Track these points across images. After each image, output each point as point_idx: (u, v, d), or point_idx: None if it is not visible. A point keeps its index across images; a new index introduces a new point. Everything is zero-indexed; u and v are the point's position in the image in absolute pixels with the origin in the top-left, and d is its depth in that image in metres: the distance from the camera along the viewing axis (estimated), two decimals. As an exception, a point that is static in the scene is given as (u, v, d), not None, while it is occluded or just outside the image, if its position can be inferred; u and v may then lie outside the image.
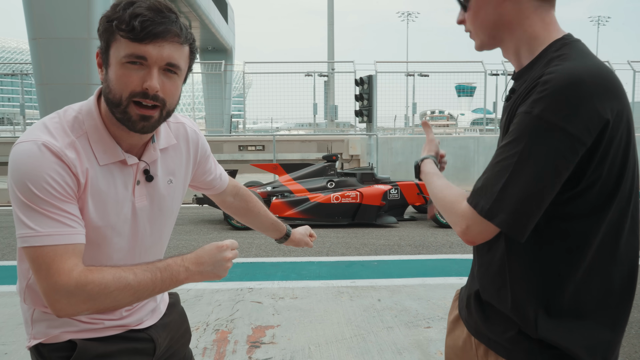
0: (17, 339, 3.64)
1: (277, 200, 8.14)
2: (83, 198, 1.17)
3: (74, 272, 1.08)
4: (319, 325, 3.86)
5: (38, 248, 1.08)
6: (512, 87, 1.20)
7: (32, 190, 1.08)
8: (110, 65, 1.15)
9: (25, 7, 12.42)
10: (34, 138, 1.13)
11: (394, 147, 13.57)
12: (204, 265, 1.20)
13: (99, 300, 1.09)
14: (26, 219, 1.08)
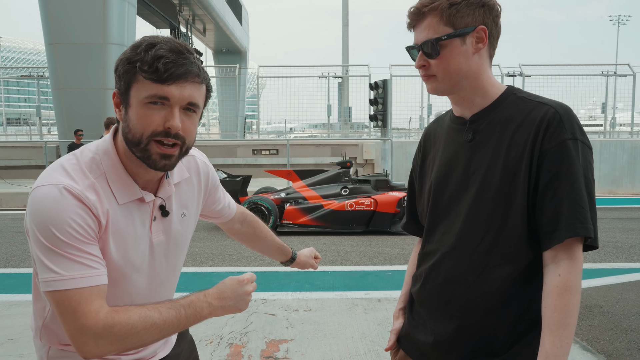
0: (33, 350, 3.66)
1: (291, 207, 8.13)
2: (104, 238, 1.17)
3: (101, 314, 1.09)
4: (333, 340, 3.83)
5: (63, 292, 1.08)
6: (474, 128, 1.31)
7: (56, 234, 1.08)
8: (130, 105, 1.16)
9: (42, 13, 12.59)
10: (54, 181, 1.12)
11: (408, 152, 13.50)
12: (226, 300, 1.23)
13: (126, 341, 1.10)
14: (50, 263, 1.09)
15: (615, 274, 5.66)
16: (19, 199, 12.11)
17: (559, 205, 1.18)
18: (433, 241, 1.39)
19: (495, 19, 1.29)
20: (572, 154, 1.18)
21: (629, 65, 17.09)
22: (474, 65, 1.28)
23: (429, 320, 1.38)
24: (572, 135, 1.19)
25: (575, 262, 1.18)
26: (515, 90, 1.32)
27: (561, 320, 1.16)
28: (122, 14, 12.84)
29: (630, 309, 4.50)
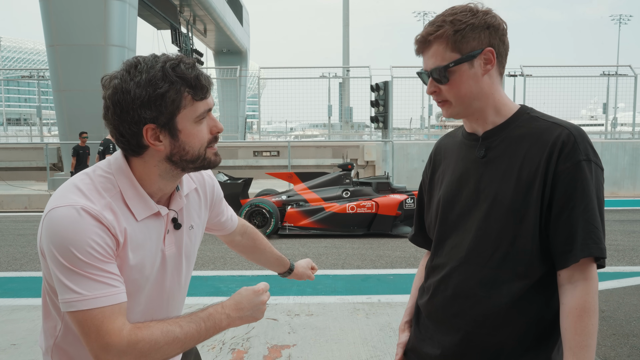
0: (36, 356, 3.67)
1: (293, 210, 8.13)
2: (122, 255, 1.18)
3: (124, 331, 1.10)
4: (335, 346, 3.84)
5: (87, 312, 1.09)
6: (487, 145, 1.32)
7: (76, 255, 1.09)
8: (180, 130, 1.18)
9: (43, 15, 12.58)
10: (71, 202, 1.13)
11: (409, 153, 13.50)
12: (243, 310, 1.26)
13: (149, 357, 1.12)
14: (71, 283, 1.09)
15: (617, 277, 5.65)
16: (19, 201, 12.12)
17: (574, 225, 1.20)
18: (442, 255, 1.40)
19: (502, 37, 1.29)
20: (587, 175, 1.20)
21: (630, 67, 17.09)
22: (485, 86, 1.30)
23: (436, 334, 1.39)
24: (586, 156, 1.21)
25: (591, 282, 1.21)
26: (529, 110, 1.34)
27: (582, 342, 1.18)
28: (123, 16, 12.83)
29: (632, 313, 4.50)
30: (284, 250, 7.09)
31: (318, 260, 6.62)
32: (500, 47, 1.29)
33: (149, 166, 1.23)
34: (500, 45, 1.29)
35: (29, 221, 10.10)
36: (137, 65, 1.16)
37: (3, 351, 3.78)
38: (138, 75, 1.14)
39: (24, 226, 9.49)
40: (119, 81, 1.15)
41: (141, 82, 1.13)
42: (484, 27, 1.26)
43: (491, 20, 1.28)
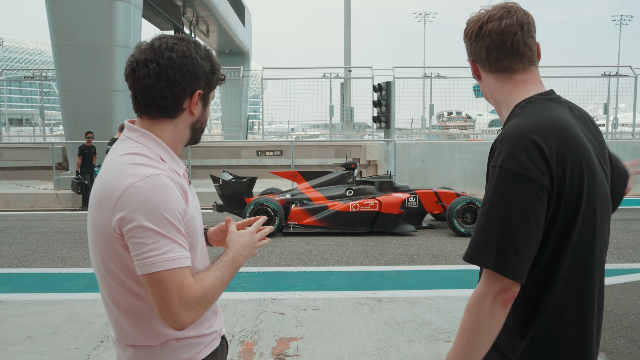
0: (52, 348, 3.79)
1: (297, 208, 8.24)
2: (189, 211, 1.33)
3: (197, 285, 1.27)
4: (341, 338, 3.95)
5: (171, 270, 1.22)
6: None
7: (168, 219, 1.23)
8: (207, 103, 1.44)
9: (49, 16, 12.70)
10: (149, 174, 1.25)
11: (411, 153, 13.61)
12: (246, 249, 1.46)
13: (212, 301, 1.31)
14: (158, 246, 1.21)
15: (617, 274, 5.76)
16: (26, 200, 12.25)
17: (476, 228, 1.27)
18: None
19: (473, 44, 1.41)
20: (491, 182, 1.25)
21: (630, 67, 17.17)
22: (484, 88, 1.46)
23: None
24: (495, 162, 1.25)
25: (486, 287, 1.24)
26: (522, 104, 1.35)
27: (458, 332, 1.31)
28: (128, 17, 12.94)
29: (631, 308, 4.61)
30: (287, 248, 7.22)
31: (322, 257, 6.74)
32: (475, 52, 1.41)
33: (178, 130, 1.40)
34: (474, 51, 1.42)
35: (36, 219, 10.22)
36: (191, 41, 1.37)
37: (19, 343, 3.90)
38: (199, 49, 1.36)
39: (31, 224, 9.60)
40: (185, 49, 1.33)
41: (203, 56, 1.37)
42: (465, 41, 1.44)
43: (465, 30, 1.42)
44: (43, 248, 7.38)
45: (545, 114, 1.30)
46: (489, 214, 1.23)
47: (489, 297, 1.23)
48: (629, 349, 3.75)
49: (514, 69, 1.38)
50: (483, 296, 1.24)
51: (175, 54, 1.31)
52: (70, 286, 5.44)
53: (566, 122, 1.29)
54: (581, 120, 1.37)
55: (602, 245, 1.33)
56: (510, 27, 1.34)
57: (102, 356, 3.65)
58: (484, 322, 1.25)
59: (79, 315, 4.46)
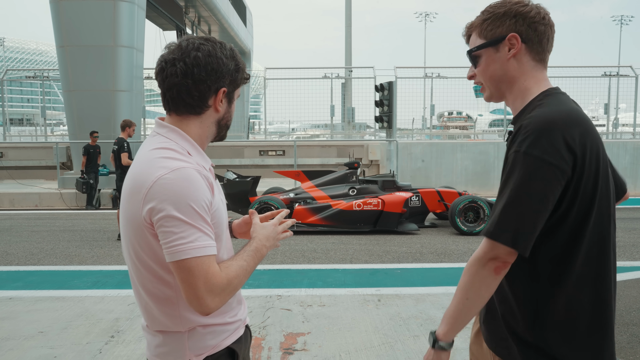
0: (64, 342, 3.86)
1: (300, 207, 8.32)
2: (215, 204, 1.41)
3: (223, 272, 1.34)
4: (348, 333, 4.02)
5: (198, 258, 1.29)
6: (510, 130, 1.45)
7: (195, 209, 1.30)
8: (232, 101, 1.51)
9: (54, 16, 12.78)
10: (177, 167, 1.32)
11: (413, 153, 13.68)
12: (269, 240, 1.53)
13: (236, 289, 1.38)
14: (186, 234, 1.28)
15: (618, 271, 5.81)
16: (30, 199, 12.33)
17: (495, 207, 1.34)
18: None
19: (531, 24, 1.41)
20: (516, 164, 1.30)
21: (631, 67, 17.23)
22: (511, 69, 1.43)
23: None
24: (519, 147, 1.30)
25: (483, 254, 1.33)
26: (541, 96, 1.41)
27: (456, 290, 1.40)
28: (132, 17, 13.03)
29: (632, 304, 4.69)
30: (292, 246, 7.29)
31: (327, 255, 6.81)
32: (529, 32, 1.41)
33: (204, 126, 1.47)
34: (530, 31, 1.41)
35: (41, 218, 10.30)
36: (216, 41, 1.44)
37: (31, 338, 3.97)
38: (224, 49, 1.44)
39: (37, 223, 9.68)
40: (211, 49, 1.41)
41: (227, 55, 1.44)
42: (510, 16, 1.41)
43: (520, 9, 1.41)
44: (50, 246, 7.46)
45: (565, 105, 1.37)
46: (512, 195, 1.29)
47: (482, 262, 1.33)
48: (631, 344, 3.83)
49: (546, 66, 1.47)
50: (478, 261, 1.34)
51: (201, 53, 1.39)
52: (79, 283, 5.52)
53: (583, 114, 1.37)
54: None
55: (614, 227, 1.42)
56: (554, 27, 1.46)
57: (114, 350, 3.73)
58: (475, 284, 1.35)
59: (89, 312, 4.53)
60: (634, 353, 3.67)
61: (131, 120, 8.01)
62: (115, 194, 11.96)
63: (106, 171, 12.44)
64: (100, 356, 3.63)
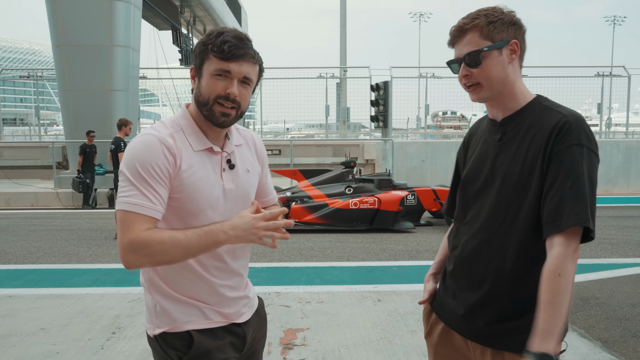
0: (65, 339, 3.90)
1: (297, 206, 8.37)
2: (180, 175, 1.48)
3: (143, 232, 1.40)
4: (347, 329, 4.08)
5: (126, 212, 1.42)
6: (503, 130, 1.54)
7: (138, 170, 1.43)
8: (202, 76, 1.53)
9: (50, 16, 12.77)
10: (144, 132, 1.51)
11: (408, 152, 13.76)
12: (237, 230, 1.49)
13: (158, 256, 1.42)
14: (126, 190, 1.43)
15: (611, 268, 5.92)
16: (26, 199, 12.32)
17: (562, 200, 1.37)
18: (464, 224, 1.64)
19: (523, 35, 1.53)
20: (577, 157, 1.38)
21: (624, 67, 17.39)
22: (510, 73, 1.52)
23: (456, 290, 1.63)
24: (578, 141, 1.40)
25: (567, 249, 1.36)
26: (542, 100, 1.54)
27: (551, 299, 1.35)
28: (128, 17, 13.03)
29: (625, 300, 4.77)
30: (289, 244, 7.34)
31: (324, 253, 6.87)
32: (522, 42, 1.53)
33: (192, 106, 1.59)
34: (522, 41, 1.53)
35: (37, 218, 10.30)
36: (213, 30, 1.56)
37: (33, 335, 4.01)
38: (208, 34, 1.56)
39: (33, 222, 9.69)
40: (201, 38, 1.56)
41: (204, 37, 1.55)
42: (511, 23, 1.51)
43: (516, 19, 1.53)
44: (47, 245, 7.48)
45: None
46: (584, 184, 1.38)
47: (574, 256, 1.37)
48: (623, 338, 3.90)
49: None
50: (565, 257, 1.36)
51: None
52: (79, 281, 5.55)
53: None
54: None
55: None
56: None
57: (116, 346, 3.77)
58: (570, 282, 1.37)
59: (90, 309, 4.57)
60: (626, 347, 3.75)
61: (127, 119, 8.03)
62: (111, 193, 11.98)
63: (102, 170, 12.46)
64: (102, 352, 3.68)
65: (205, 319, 1.58)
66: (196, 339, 1.55)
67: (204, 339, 1.56)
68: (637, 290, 5.07)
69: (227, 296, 1.62)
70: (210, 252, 1.53)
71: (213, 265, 1.58)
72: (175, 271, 1.54)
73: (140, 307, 4.54)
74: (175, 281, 1.55)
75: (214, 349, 1.57)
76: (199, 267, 1.56)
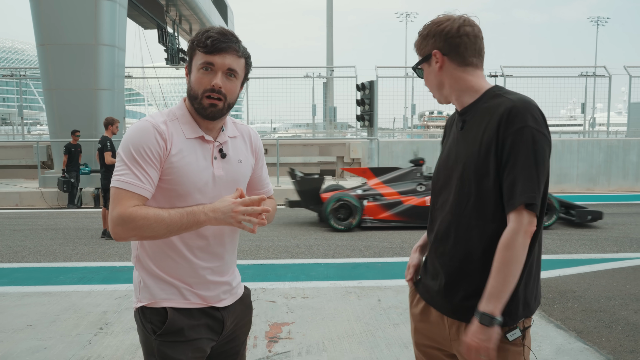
0: (53, 335, 3.95)
1: (371, 203, 8.46)
2: (170, 159, 1.60)
3: (132, 208, 1.53)
4: (331, 322, 4.17)
5: (117, 188, 1.56)
6: (463, 119, 1.70)
7: (131, 151, 1.57)
8: (192, 72, 1.65)
9: (34, 14, 12.69)
10: (141, 120, 1.64)
11: (394, 151, 13.88)
12: (217, 213, 1.59)
13: (142, 230, 1.53)
14: (122, 169, 1.57)
15: (589, 263, 6.09)
16: (10, 198, 12.23)
17: (513, 180, 1.52)
18: (436, 208, 1.77)
19: (447, 40, 1.66)
20: (524, 138, 1.51)
21: (605, 68, 17.68)
22: (444, 77, 1.70)
23: (433, 270, 1.76)
24: (525, 123, 1.52)
25: (519, 225, 1.50)
26: (496, 89, 1.67)
27: (500, 268, 1.52)
28: (113, 16, 13.00)
29: (601, 293, 4.92)
30: (275, 242, 7.41)
31: (309, 250, 6.96)
32: (446, 47, 1.67)
33: (187, 100, 1.70)
34: (446, 45, 1.67)
35: (22, 217, 10.26)
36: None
37: (21, 331, 4.04)
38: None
39: (18, 222, 9.65)
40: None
41: (190, 39, 1.67)
42: (430, 36, 1.69)
43: (436, 28, 1.67)
44: (33, 244, 7.48)
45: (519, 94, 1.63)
46: (532, 163, 1.51)
47: (521, 231, 1.50)
48: (597, 328, 4.05)
49: (477, 66, 1.71)
50: (516, 232, 1.51)
51: None
52: (65, 279, 5.58)
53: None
54: None
55: None
56: (479, 33, 1.69)
57: (104, 341, 3.82)
58: (519, 254, 1.52)
59: (77, 305, 4.61)
60: (599, 337, 3.88)
61: (114, 118, 8.00)
62: (97, 192, 11.95)
63: (88, 170, 12.42)
64: (90, 347, 3.73)
65: (183, 299, 1.68)
66: (170, 315, 1.65)
67: (179, 317, 1.66)
68: (612, 284, 5.24)
69: (207, 279, 1.71)
70: (194, 231, 1.63)
71: (197, 246, 1.67)
72: (161, 250, 1.65)
73: (128, 304, 4.59)
74: (160, 260, 1.66)
75: (188, 327, 1.66)
76: (184, 248, 1.66)
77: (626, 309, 4.50)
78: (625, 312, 4.41)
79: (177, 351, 1.64)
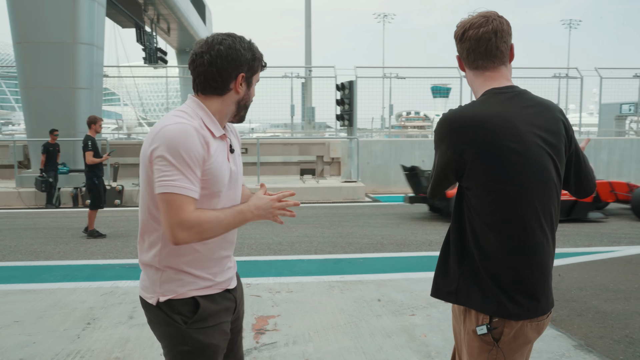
0: (41, 330, 3.98)
1: None
2: (208, 162, 1.67)
3: (194, 212, 1.60)
4: (315, 315, 4.29)
5: (175, 194, 1.58)
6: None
7: (183, 156, 1.59)
8: (252, 84, 1.81)
9: (10, 11, 12.52)
10: (180, 122, 1.64)
11: (373, 150, 14.07)
12: (259, 210, 1.75)
13: (205, 232, 1.62)
14: (172, 174, 1.58)
15: (562, 257, 6.32)
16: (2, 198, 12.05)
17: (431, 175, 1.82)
18: None
19: (458, 44, 1.77)
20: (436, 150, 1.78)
21: (577, 69, 18.15)
22: (468, 80, 1.85)
23: None
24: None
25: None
26: (482, 97, 1.73)
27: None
28: (92, 14, 12.90)
29: (573, 284, 5.14)
30: (258, 239, 7.50)
31: (292, 247, 7.07)
32: (462, 52, 1.77)
33: (224, 104, 1.77)
34: (461, 51, 1.78)
35: (20, 218, 10.14)
36: (236, 36, 1.75)
37: (7, 327, 4.07)
38: (242, 42, 1.74)
39: (15, 222, 9.55)
40: (231, 43, 1.71)
41: (245, 47, 1.74)
42: (454, 39, 1.80)
43: (454, 34, 1.78)
44: (13, 243, 7.43)
45: (475, 105, 1.70)
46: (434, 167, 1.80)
47: None
48: (570, 317, 4.25)
49: (486, 68, 1.74)
50: None
51: (223, 46, 1.70)
52: (49, 277, 5.59)
53: (485, 113, 1.65)
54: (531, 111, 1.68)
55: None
56: (486, 34, 1.69)
57: (92, 335, 3.87)
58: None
59: (62, 302, 4.64)
60: (572, 324, 4.08)
61: (97, 116, 7.95)
62: (76, 192, 11.86)
63: (66, 169, 12.32)
64: (79, 341, 3.78)
65: (207, 287, 1.77)
66: (202, 304, 1.73)
67: (207, 304, 1.75)
68: (584, 276, 5.47)
69: (225, 265, 1.83)
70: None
71: (222, 237, 1.77)
72: (189, 245, 1.71)
73: (114, 300, 4.64)
74: (186, 255, 1.72)
75: (214, 312, 1.77)
76: (213, 240, 1.74)
77: (596, 298, 4.72)
78: (596, 302, 4.63)
79: (208, 336, 1.73)
